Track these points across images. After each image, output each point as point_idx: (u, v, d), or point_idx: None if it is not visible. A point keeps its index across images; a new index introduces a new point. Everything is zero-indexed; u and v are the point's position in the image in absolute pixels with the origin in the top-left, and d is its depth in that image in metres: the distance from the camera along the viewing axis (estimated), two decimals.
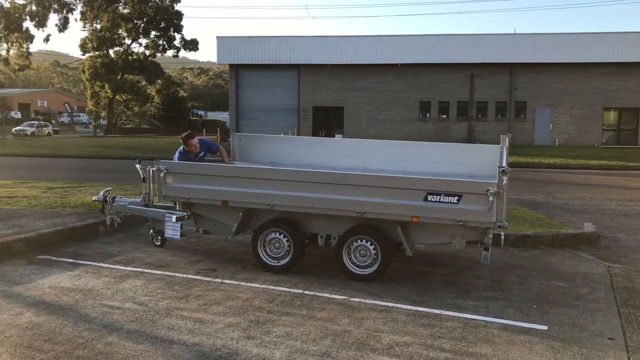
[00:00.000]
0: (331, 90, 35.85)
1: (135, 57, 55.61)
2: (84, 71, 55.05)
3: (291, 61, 35.37)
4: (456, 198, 5.76)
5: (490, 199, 5.55)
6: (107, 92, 54.02)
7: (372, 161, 7.83)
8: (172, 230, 7.32)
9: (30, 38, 43.26)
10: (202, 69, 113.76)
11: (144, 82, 58.37)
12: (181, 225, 7.32)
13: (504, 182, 5.57)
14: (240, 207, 6.79)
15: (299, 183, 6.38)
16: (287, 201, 6.44)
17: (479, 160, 7.27)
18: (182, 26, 54.35)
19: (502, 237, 6.10)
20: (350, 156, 7.99)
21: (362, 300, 5.73)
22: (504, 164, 6.44)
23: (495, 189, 5.55)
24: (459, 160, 7.45)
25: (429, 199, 5.85)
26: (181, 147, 7.83)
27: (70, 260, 7.12)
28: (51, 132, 52.25)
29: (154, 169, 7.23)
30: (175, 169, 7.10)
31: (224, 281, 6.33)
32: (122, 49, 55.58)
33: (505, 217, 5.83)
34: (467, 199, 5.73)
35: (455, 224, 5.89)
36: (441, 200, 5.81)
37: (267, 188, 6.49)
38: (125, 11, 53.45)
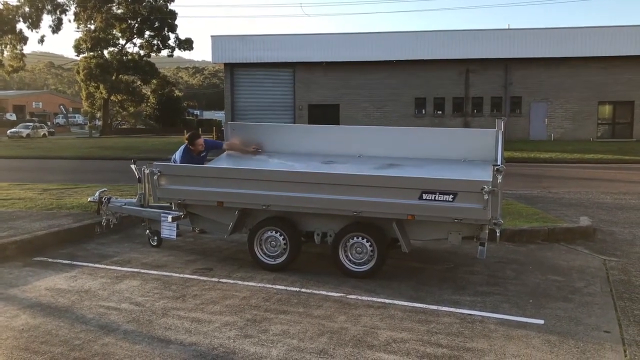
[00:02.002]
0: (326, 88, 35.82)
1: (129, 57, 55.46)
2: (78, 72, 54.88)
3: (286, 59, 35.33)
4: (451, 196, 5.76)
5: (486, 197, 5.56)
6: (102, 93, 53.88)
7: (367, 148, 7.64)
8: (168, 230, 7.31)
9: (24, 39, 43.17)
10: (197, 69, 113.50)
11: (139, 82, 58.22)
12: (177, 225, 7.31)
13: (499, 180, 5.57)
14: (235, 207, 6.78)
15: (293, 184, 6.37)
16: (282, 201, 6.43)
17: (474, 145, 7.15)
18: (176, 25, 54.29)
19: (498, 233, 6.11)
20: (345, 143, 7.79)
21: (359, 297, 5.74)
22: (499, 161, 6.45)
23: (490, 187, 5.55)
24: (455, 144, 7.30)
25: (424, 198, 5.85)
26: (183, 146, 7.81)
27: (67, 262, 7.10)
28: (46, 133, 52.16)
29: (147, 171, 7.21)
30: (169, 172, 7.07)
31: (220, 280, 6.33)
32: (116, 49, 55.42)
33: (500, 214, 5.84)
34: (462, 197, 5.73)
35: (451, 221, 5.90)
36: (436, 198, 5.81)
37: (261, 189, 6.47)
38: (119, 11, 53.30)
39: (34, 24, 42.07)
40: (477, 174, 6.21)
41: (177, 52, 57.39)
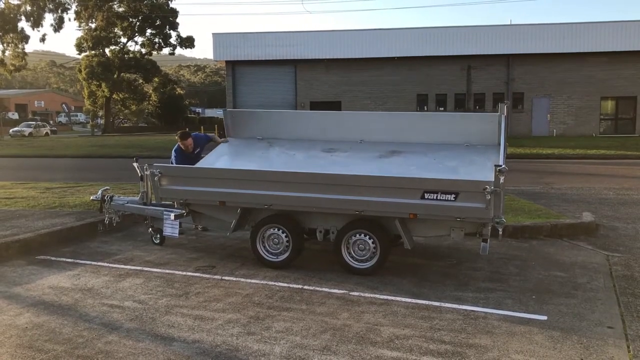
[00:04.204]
0: (328, 85, 35.78)
1: (131, 55, 55.50)
2: (80, 71, 54.95)
3: (287, 57, 35.29)
4: (453, 196, 5.74)
5: (488, 197, 5.55)
6: (104, 91, 53.95)
7: (369, 133, 7.52)
8: (171, 228, 7.32)
9: (25, 38, 43.12)
10: (198, 66, 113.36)
11: (140, 81, 58.26)
12: (180, 222, 7.32)
13: (501, 180, 5.55)
14: (237, 206, 6.77)
15: (295, 184, 6.36)
16: (284, 201, 6.42)
17: (476, 129, 7.06)
18: (177, 23, 54.33)
19: (500, 231, 6.09)
20: (346, 129, 7.68)
21: (362, 294, 5.74)
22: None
23: (493, 187, 5.53)
24: (458, 129, 7.19)
25: (426, 197, 5.84)
26: (177, 145, 7.84)
27: (70, 260, 7.12)
28: (49, 132, 52.19)
29: (148, 172, 7.21)
30: (169, 172, 7.04)
31: (223, 278, 6.33)
32: (118, 47, 55.44)
33: (502, 212, 5.82)
34: (464, 196, 5.71)
35: (453, 219, 5.90)
36: (438, 198, 5.80)
37: (263, 189, 6.46)
38: (120, 9, 53.34)
39: (36, 23, 42.04)
40: (480, 169, 6.18)
41: (179, 50, 57.28)
